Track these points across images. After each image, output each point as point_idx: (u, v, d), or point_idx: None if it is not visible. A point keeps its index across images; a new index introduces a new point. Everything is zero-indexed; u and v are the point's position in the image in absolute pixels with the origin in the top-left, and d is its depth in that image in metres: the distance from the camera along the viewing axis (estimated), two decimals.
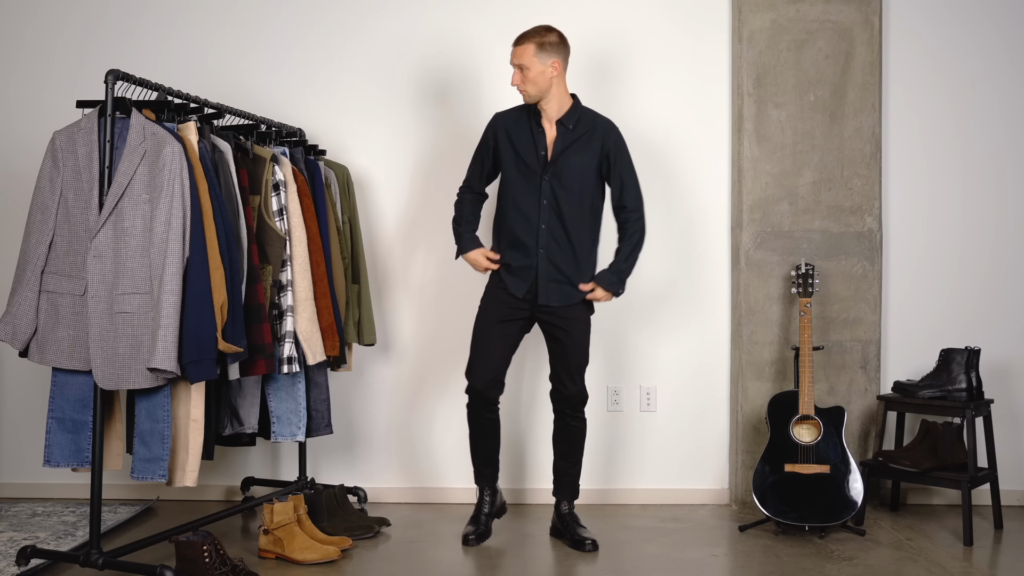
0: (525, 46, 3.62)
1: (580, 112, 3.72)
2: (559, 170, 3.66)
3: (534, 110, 3.71)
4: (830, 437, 3.96)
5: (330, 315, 3.79)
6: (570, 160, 3.66)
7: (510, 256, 3.71)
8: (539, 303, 3.68)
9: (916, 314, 4.46)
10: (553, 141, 3.68)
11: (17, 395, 4.45)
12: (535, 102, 3.67)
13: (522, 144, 3.69)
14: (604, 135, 3.71)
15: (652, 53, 4.47)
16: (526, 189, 3.68)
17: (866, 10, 4.38)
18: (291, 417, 3.72)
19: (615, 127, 3.75)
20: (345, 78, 4.48)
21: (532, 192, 3.67)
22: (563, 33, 3.70)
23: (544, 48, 3.61)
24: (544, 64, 3.61)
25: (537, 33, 3.64)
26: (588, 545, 3.68)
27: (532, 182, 3.67)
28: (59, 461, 3.25)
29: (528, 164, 3.68)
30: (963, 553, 3.72)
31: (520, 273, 3.70)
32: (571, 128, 3.68)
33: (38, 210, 3.23)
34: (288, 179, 3.69)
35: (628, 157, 3.76)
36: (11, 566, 3.32)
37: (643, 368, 4.46)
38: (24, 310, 3.22)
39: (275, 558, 3.55)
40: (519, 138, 3.70)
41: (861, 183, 4.38)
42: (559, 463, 3.85)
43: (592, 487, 4.36)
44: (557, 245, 3.67)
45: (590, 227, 3.74)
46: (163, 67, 4.34)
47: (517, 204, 3.69)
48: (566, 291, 3.70)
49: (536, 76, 3.62)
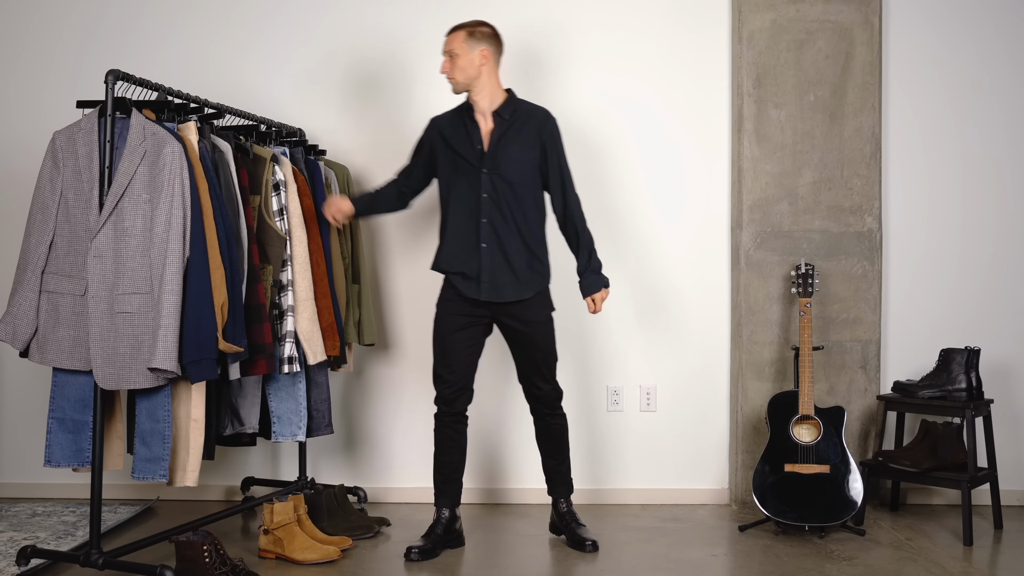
0: (456, 34, 3.62)
1: (516, 103, 3.68)
2: (498, 161, 3.60)
3: (467, 107, 3.68)
4: (830, 437, 3.96)
5: (330, 315, 3.79)
6: (508, 150, 3.61)
7: (457, 258, 3.63)
8: (484, 300, 3.59)
9: (916, 314, 4.47)
10: (489, 133, 3.63)
11: (17, 395, 4.45)
12: (463, 91, 3.64)
13: (458, 141, 3.65)
14: (541, 124, 3.66)
15: (652, 53, 4.48)
16: (466, 185, 3.62)
17: (866, 10, 4.38)
18: (292, 417, 3.72)
19: (551, 116, 3.70)
20: (345, 78, 4.48)
21: (472, 188, 3.61)
22: (497, 29, 3.69)
23: (474, 36, 3.60)
24: (473, 52, 3.59)
25: (470, 23, 3.64)
26: (588, 546, 3.67)
27: (471, 177, 3.61)
28: (60, 461, 3.25)
29: (466, 159, 3.62)
30: (963, 553, 3.72)
31: (468, 273, 3.62)
32: (507, 118, 3.63)
33: (38, 210, 3.23)
34: (288, 179, 3.70)
35: (562, 149, 3.70)
36: (11, 566, 3.32)
37: (643, 368, 4.46)
38: (24, 310, 3.22)
39: (275, 558, 3.55)
40: (454, 136, 3.66)
41: (861, 183, 4.38)
42: (547, 462, 3.80)
43: (592, 487, 4.36)
44: (501, 238, 3.59)
45: (537, 217, 3.67)
46: (163, 67, 4.34)
47: (458, 202, 3.63)
48: (518, 285, 3.61)
49: (465, 64, 3.60)
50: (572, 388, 4.41)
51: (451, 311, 3.66)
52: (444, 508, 3.71)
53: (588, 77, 4.46)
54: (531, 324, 3.65)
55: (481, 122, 3.65)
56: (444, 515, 3.71)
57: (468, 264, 3.62)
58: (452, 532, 3.72)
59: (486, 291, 3.60)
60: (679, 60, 4.48)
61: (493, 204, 3.60)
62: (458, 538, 3.75)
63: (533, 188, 3.66)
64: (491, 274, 3.60)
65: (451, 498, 3.72)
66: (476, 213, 3.61)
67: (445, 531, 3.69)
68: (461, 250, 3.63)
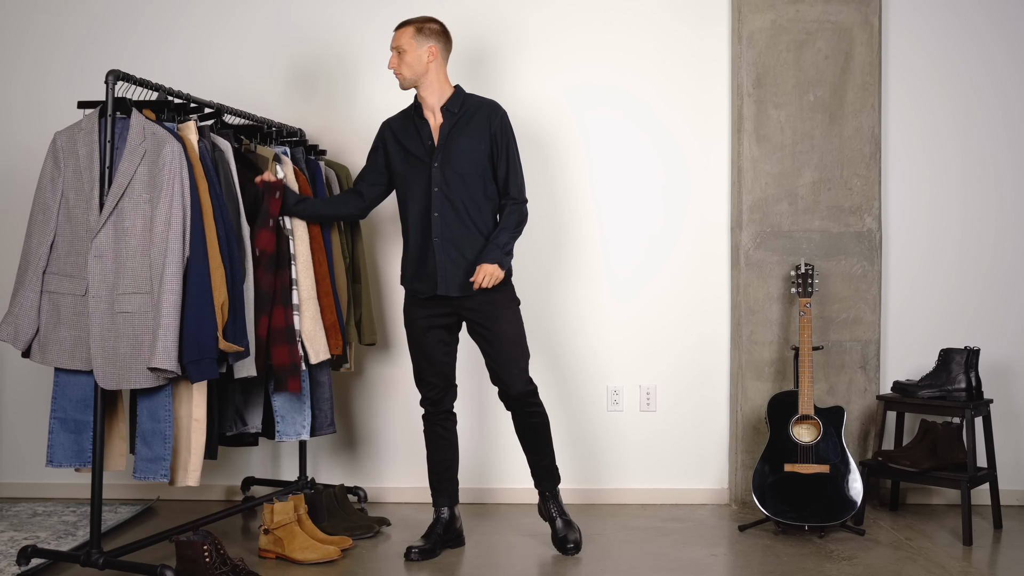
0: (404, 29, 3.62)
1: (464, 97, 3.68)
2: (448, 155, 3.59)
3: (415, 105, 3.68)
4: (830, 437, 3.96)
5: (332, 314, 3.79)
6: (458, 141, 3.60)
7: (412, 258, 3.64)
8: (440, 294, 3.58)
9: (916, 314, 4.47)
10: (439, 127, 3.63)
11: (18, 395, 4.45)
12: (410, 87, 3.64)
13: (408, 138, 3.66)
14: (490, 115, 3.65)
15: (652, 52, 4.48)
16: (417, 181, 3.61)
17: (866, 10, 4.38)
18: (295, 416, 3.72)
19: (500, 107, 3.69)
20: (345, 78, 4.48)
21: (423, 182, 3.60)
22: (446, 25, 3.70)
23: (422, 32, 3.60)
24: (421, 48, 3.59)
25: (418, 19, 3.64)
26: (571, 549, 3.64)
27: (422, 172, 3.61)
28: (62, 461, 3.25)
29: (416, 155, 3.62)
30: (962, 553, 3.72)
31: (423, 271, 3.61)
32: (456, 111, 3.63)
33: (39, 210, 3.24)
34: (290, 179, 3.70)
35: (513, 140, 3.67)
36: (12, 566, 3.32)
37: (643, 368, 4.46)
38: (26, 310, 3.22)
39: (275, 558, 3.55)
40: (405, 134, 3.67)
41: (861, 183, 4.38)
42: (530, 457, 3.74)
43: (592, 487, 4.36)
44: (453, 231, 3.57)
45: (491, 208, 3.65)
46: (163, 67, 4.35)
47: (411, 199, 3.63)
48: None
49: (412, 60, 3.59)
50: (572, 388, 4.41)
51: (416, 316, 3.66)
52: (443, 507, 3.71)
53: (588, 74, 4.46)
54: (492, 317, 3.59)
55: (430, 118, 3.65)
56: (443, 514, 3.71)
57: (424, 265, 3.60)
58: (452, 531, 3.72)
59: (441, 286, 3.58)
60: (679, 59, 4.48)
61: (444, 197, 3.57)
62: (458, 537, 3.75)
63: (484, 180, 3.62)
64: (444, 268, 3.57)
65: (448, 496, 3.72)
66: (428, 207, 3.59)
67: (445, 530, 3.69)
68: (418, 253, 3.62)
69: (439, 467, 3.72)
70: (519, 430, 3.72)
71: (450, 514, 3.72)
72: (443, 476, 3.72)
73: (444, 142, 3.60)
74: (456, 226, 3.58)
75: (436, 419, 3.71)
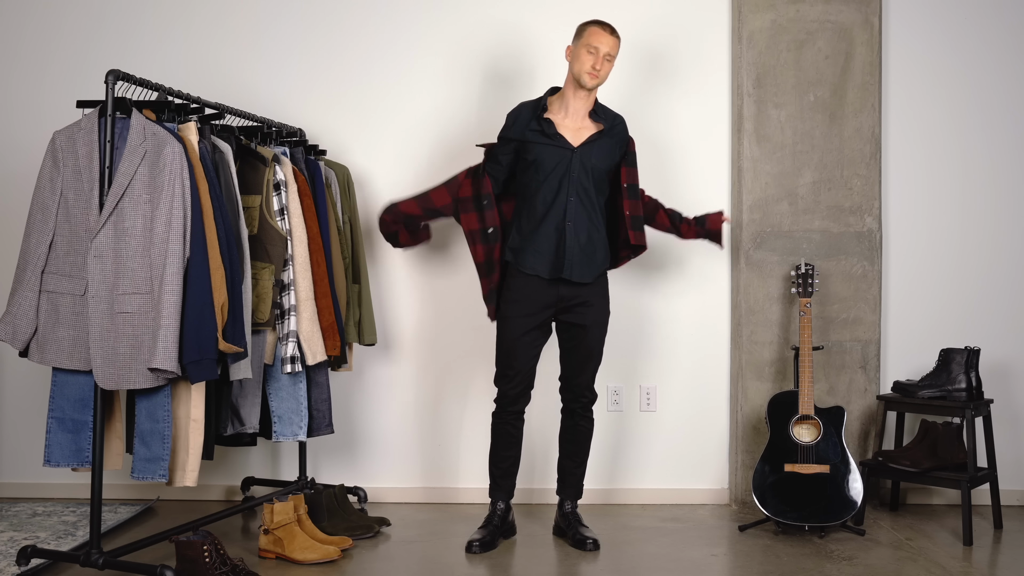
0: (618, 40, 3.73)
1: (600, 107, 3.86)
2: (589, 149, 3.74)
3: (544, 103, 3.76)
4: (830, 437, 3.96)
5: (331, 315, 3.79)
6: (600, 142, 3.76)
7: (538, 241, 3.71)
8: (564, 277, 3.67)
9: (916, 314, 4.47)
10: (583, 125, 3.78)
11: (17, 395, 4.45)
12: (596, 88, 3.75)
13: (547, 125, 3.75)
14: (623, 130, 3.85)
15: (652, 52, 4.48)
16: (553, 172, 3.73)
17: (866, 10, 4.38)
18: (292, 417, 3.72)
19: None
20: (345, 78, 4.48)
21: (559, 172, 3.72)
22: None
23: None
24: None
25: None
26: (589, 544, 3.69)
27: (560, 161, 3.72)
28: (59, 461, 3.25)
29: (558, 146, 3.73)
30: (963, 553, 3.72)
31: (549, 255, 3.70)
32: (601, 115, 3.79)
33: (38, 210, 3.23)
34: (289, 179, 3.70)
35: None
36: (11, 566, 3.32)
37: (643, 368, 4.46)
38: (24, 310, 3.22)
39: (275, 558, 3.55)
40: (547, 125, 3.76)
41: (861, 183, 4.38)
42: (565, 462, 3.87)
43: (592, 487, 4.35)
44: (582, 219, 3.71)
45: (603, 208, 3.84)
46: (163, 67, 4.34)
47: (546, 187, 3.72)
48: (592, 266, 3.72)
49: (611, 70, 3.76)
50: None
51: (519, 312, 3.71)
52: (500, 501, 3.83)
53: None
54: (594, 309, 3.74)
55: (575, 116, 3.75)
56: (500, 507, 3.82)
57: (548, 245, 3.68)
58: (507, 523, 3.83)
59: (567, 270, 3.67)
60: (679, 58, 4.48)
61: (580, 187, 3.69)
62: (511, 528, 3.86)
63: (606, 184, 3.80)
64: (572, 253, 3.67)
65: (506, 491, 3.84)
66: (563, 195, 3.68)
67: (501, 522, 3.80)
68: (549, 236, 3.69)
69: (504, 463, 3.82)
70: (566, 434, 3.87)
71: (505, 507, 3.83)
72: (506, 472, 3.83)
73: (593, 140, 3.72)
74: (584, 215, 3.70)
75: (508, 417, 3.79)
